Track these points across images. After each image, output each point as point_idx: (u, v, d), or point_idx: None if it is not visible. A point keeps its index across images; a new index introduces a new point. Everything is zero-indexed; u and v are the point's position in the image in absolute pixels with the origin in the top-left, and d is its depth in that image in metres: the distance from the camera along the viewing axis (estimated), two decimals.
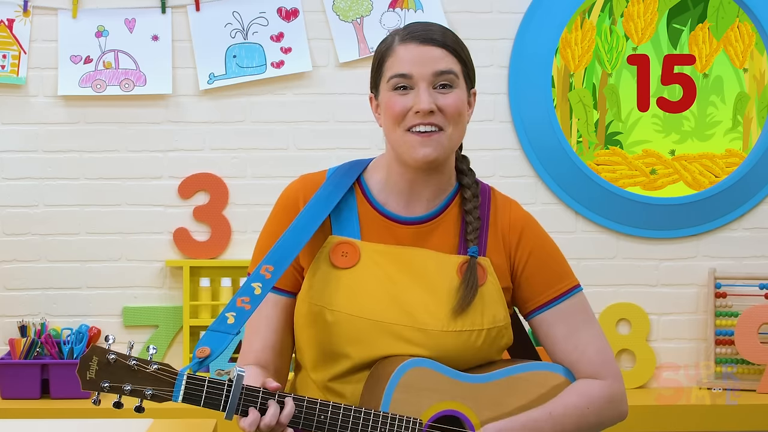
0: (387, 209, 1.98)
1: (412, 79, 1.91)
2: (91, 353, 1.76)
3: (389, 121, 1.94)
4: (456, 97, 1.93)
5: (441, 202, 2.00)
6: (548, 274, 2.01)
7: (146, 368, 1.77)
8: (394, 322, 1.90)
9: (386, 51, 1.96)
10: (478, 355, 1.94)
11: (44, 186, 3.64)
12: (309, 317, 1.93)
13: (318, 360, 1.93)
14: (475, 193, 2.01)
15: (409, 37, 1.94)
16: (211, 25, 3.64)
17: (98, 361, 1.76)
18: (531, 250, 2.01)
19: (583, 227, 3.74)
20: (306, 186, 2.01)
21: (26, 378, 3.45)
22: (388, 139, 1.96)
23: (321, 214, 1.95)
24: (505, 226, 2.01)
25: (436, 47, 1.93)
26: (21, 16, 3.60)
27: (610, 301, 3.73)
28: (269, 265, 1.91)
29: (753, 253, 3.77)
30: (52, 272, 3.64)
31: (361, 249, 1.95)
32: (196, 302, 3.61)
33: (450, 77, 1.93)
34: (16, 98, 3.62)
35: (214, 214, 3.66)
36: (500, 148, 3.71)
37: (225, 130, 3.67)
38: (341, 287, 1.92)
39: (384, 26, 3.66)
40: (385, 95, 1.95)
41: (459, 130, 1.95)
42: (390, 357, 1.89)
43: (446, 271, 1.95)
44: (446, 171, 1.99)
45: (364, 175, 2.02)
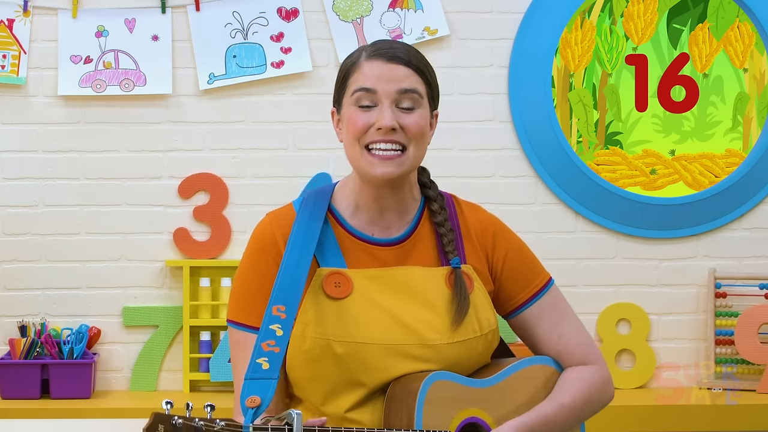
0: (364, 233, 1.98)
1: (376, 95, 1.91)
2: (156, 422, 1.67)
3: (350, 136, 1.94)
4: (419, 116, 1.93)
5: (412, 218, 2.01)
6: (525, 272, 2.05)
7: (213, 427, 1.70)
8: (402, 342, 1.91)
9: (352, 66, 1.97)
10: (478, 360, 1.98)
11: (44, 186, 3.64)
12: (314, 352, 1.90)
13: (330, 393, 1.92)
14: (441, 204, 2.02)
15: (376, 54, 1.95)
16: (211, 25, 3.64)
17: (165, 429, 1.67)
18: (506, 251, 2.04)
19: (583, 227, 3.74)
20: (278, 223, 1.99)
21: (26, 378, 3.45)
22: (348, 154, 1.96)
23: (308, 248, 1.93)
24: (478, 231, 2.04)
25: (402, 65, 1.93)
26: (21, 16, 3.60)
27: (610, 301, 3.73)
28: (279, 305, 1.88)
29: (753, 253, 3.77)
30: (52, 272, 3.64)
31: (351, 277, 1.94)
32: (196, 302, 3.61)
33: (414, 96, 1.93)
34: (16, 98, 3.62)
35: (214, 214, 3.66)
36: (500, 148, 3.71)
37: (225, 130, 3.67)
38: (343, 317, 1.91)
39: (384, 26, 3.66)
40: (348, 110, 1.95)
41: (420, 150, 1.95)
42: (403, 377, 1.90)
43: (436, 284, 1.96)
44: (409, 184, 2.00)
45: (333, 203, 2.02)
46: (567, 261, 3.72)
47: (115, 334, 3.65)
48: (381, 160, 1.91)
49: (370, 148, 1.92)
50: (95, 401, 3.47)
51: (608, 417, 3.44)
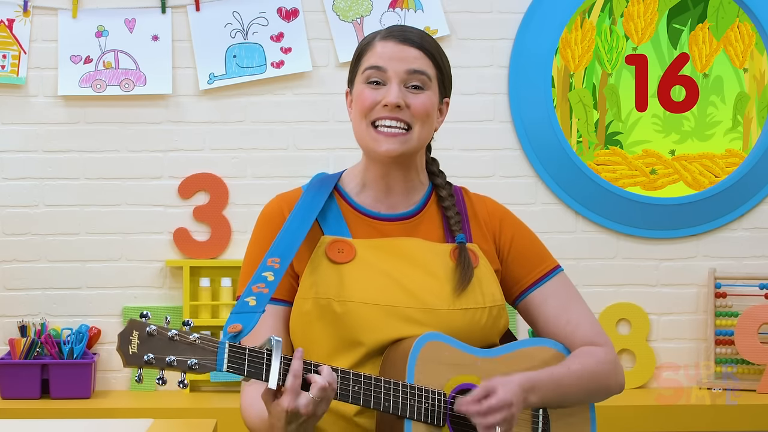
0: (369, 209, 2.02)
1: (385, 73, 1.96)
2: (131, 327, 1.69)
3: (357, 112, 2.00)
4: (426, 97, 1.97)
5: (418, 199, 2.04)
6: (532, 256, 2.08)
7: (187, 339, 1.71)
8: (403, 305, 1.93)
9: (366, 46, 2.01)
10: (483, 333, 1.98)
11: (44, 186, 3.64)
12: (315, 313, 1.93)
13: (330, 353, 1.93)
14: (449, 191, 2.07)
15: (389, 35, 2.00)
16: (211, 25, 3.64)
17: (139, 335, 1.69)
18: (513, 235, 2.08)
19: (583, 227, 3.74)
20: (285, 199, 2.04)
21: (26, 378, 3.45)
22: (355, 131, 2.01)
23: (310, 215, 1.97)
24: (485, 215, 2.08)
25: (414, 48, 1.98)
26: (21, 16, 3.60)
27: (610, 301, 3.73)
28: (274, 257, 1.92)
29: (753, 253, 3.77)
30: (52, 272, 3.64)
31: (354, 244, 1.97)
32: (196, 302, 3.61)
33: (422, 78, 1.97)
34: (16, 98, 3.62)
35: (214, 214, 3.66)
36: (500, 148, 3.71)
37: (225, 130, 3.67)
38: (345, 279, 1.93)
39: (384, 26, 3.65)
40: (357, 88, 2.00)
41: (426, 131, 1.99)
42: (401, 339, 1.91)
43: (440, 256, 1.99)
44: (416, 165, 2.03)
45: (340, 183, 2.06)
46: (567, 261, 3.71)
47: (115, 334, 3.61)
48: (386, 137, 1.96)
49: (376, 125, 1.97)
50: (95, 401, 3.47)
51: (608, 417, 3.44)
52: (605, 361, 2.02)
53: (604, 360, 2.02)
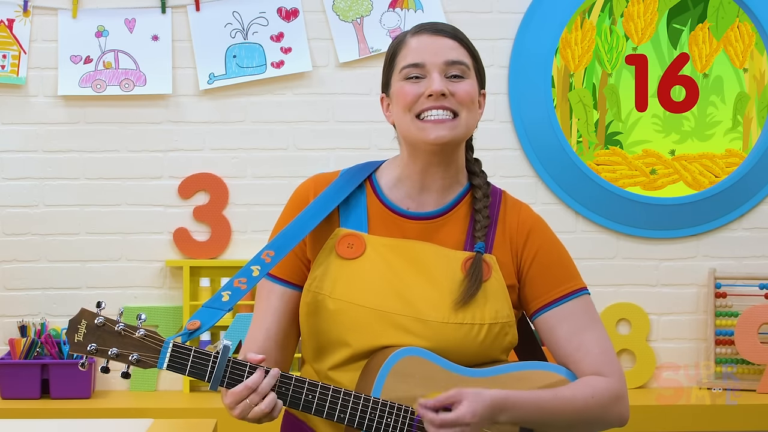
0: (397, 205, 1.99)
1: (424, 68, 1.93)
2: (80, 316, 1.80)
3: (401, 108, 1.94)
4: (468, 85, 1.94)
5: (452, 198, 2.00)
6: (554, 275, 1.99)
7: (133, 333, 1.80)
8: (395, 312, 1.91)
9: (398, 45, 1.98)
10: (481, 351, 1.93)
11: (44, 186, 3.64)
12: (311, 306, 1.94)
13: (318, 349, 1.94)
14: (485, 193, 2.01)
15: (421, 29, 1.97)
16: (211, 25, 3.64)
17: (87, 325, 1.80)
18: (537, 250, 2.00)
19: (583, 227, 3.74)
20: (318, 183, 2.02)
21: (26, 378, 3.45)
22: (400, 128, 1.97)
23: (328, 207, 1.97)
24: (513, 226, 2.01)
25: (448, 38, 1.95)
26: (21, 16, 3.60)
27: (610, 301, 3.73)
28: (270, 250, 1.93)
29: (753, 253, 3.77)
30: (52, 272, 3.64)
31: (366, 241, 1.96)
32: (196, 302, 3.61)
33: (461, 68, 1.94)
34: (16, 98, 3.62)
35: (214, 214, 3.66)
36: (500, 148, 3.71)
37: (225, 130, 3.67)
38: (344, 277, 1.93)
39: (384, 26, 3.66)
40: (396, 86, 1.96)
41: (473, 118, 1.96)
42: (388, 347, 1.89)
43: (450, 265, 1.95)
44: (457, 162, 1.99)
45: (376, 174, 2.03)
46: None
47: None
48: (434, 124, 1.91)
49: (422, 117, 1.93)
50: (95, 401, 3.47)
51: None
52: (604, 392, 1.92)
53: (602, 391, 1.92)
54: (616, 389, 1.94)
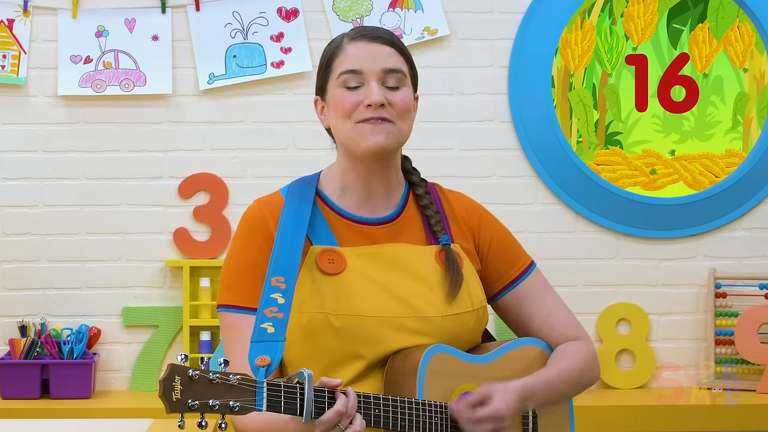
0: (352, 213, 2.00)
1: (362, 75, 1.94)
2: (173, 373, 1.66)
3: (339, 116, 1.96)
4: (405, 94, 1.97)
5: (398, 201, 2.04)
6: (509, 255, 2.10)
7: (228, 380, 1.69)
8: (399, 315, 1.93)
9: (335, 50, 1.99)
10: (471, 335, 2.00)
11: (44, 186, 3.64)
12: (310, 328, 1.91)
13: (329, 368, 1.92)
14: (426, 189, 2.06)
15: (358, 35, 1.98)
16: (211, 25, 3.64)
17: (181, 380, 1.67)
18: (491, 234, 2.09)
19: (583, 227, 3.74)
20: (268, 207, 2.00)
21: (26, 378, 3.45)
22: (338, 135, 1.98)
23: (301, 225, 1.95)
24: (463, 214, 2.08)
25: (385, 45, 1.97)
26: (21, 16, 3.60)
27: (610, 301, 3.73)
28: (278, 276, 1.89)
29: (753, 253, 3.77)
30: (52, 272, 3.64)
31: (344, 254, 1.95)
32: (196, 302, 3.61)
33: (399, 76, 1.96)
34: (16, 98, 3.62)
35: (214, 214, 3.66)
36: (500, 148, 3.71)
37: (225, 130, 3.67)
38: (339, 292, 1.92)
39: (384, 26, 3.65)
40: (334, 92, 1.96)
41: (407, 126, 1.99)
42: (402, 350, 1.92)
43: (427, 260, 1.99)
44: (395, 166, 2.03)
45: (320, 187, 2.04)
46: (567, 261, 3.72)
47: (115, 334, 3.65)
48: (372, 126, 1.93)
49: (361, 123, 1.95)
50: (95, 401, 3.47)
51: (608, 417, 3.44)
52: (586, 355, 2.06)
53: (584, 355, 2.06)
54: (592, 349, 2.10)
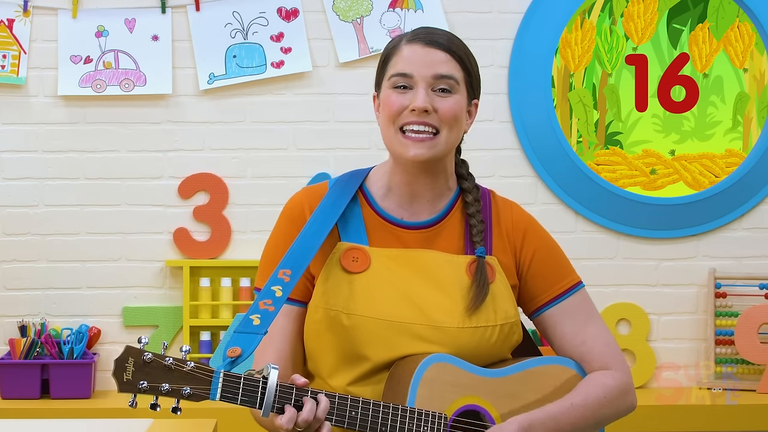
0: (391, 215, 2.00)
1: (412, 78, 1.93)
2: (127, 354, 1.72)
3: (385, 118, 1.96)
4: (454, 101, 1.94)
5: (444, 206, 2.01)
6: (552, 272, 2.04)
7: (183, 367, 1.73)
8: (411, 322, 1.92)
9: (392, 50, 1.99)
10: (492, 351, 1.96)
11: (44, 186, 3.64)
12: (324, 323, 1.92)
13: (336, 365, 1.93)
14: (476, 197, 2.03)
15: (415, 38, 1.97)
16: (211, 25, 3.64)
17: (134, 362, 1.72)
18: (535, 249, 2.03)
19: (583, 227, 3.74)
20: (309, 196, 2.02)
21: (26, 378, 3.45)
22: (383, 136, 1.99)
23: (329, 221, 1.96)
24: (509, 226, 2.04)
25: (440, 51, 1.95)
26: (21, 16, 3.60)
27: (610, 301, 3.73)
28: (286, 269, 1.91)
29: (753, 253, 3.77)
30: (52, 272, 3.64)
31: (370, 254, 1.96)
32: (196, 302, 3.61)
33: (450, 82, 1.94)
34: (16, 98, 3.62)
35: (214, 214, 3.66)
36: (500, 148, 3.71)
37: (225, 130, 3.67)
38: (356, 291, 1.92)
39: (384, 26, 3.66)
40: (384, 92, 1.97)
41: (454, 135, 1.96)
42: (409, 356, 1.91)
43: (456, 270, 1.96)
44: (444, 172, 2.01)
45: (366, 183, 2.04)
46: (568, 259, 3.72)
47: (115, 334, 3.65)
48: (414, 141, 1.93)
49: (404, 130, 1.94)
50: (95, 401, 3.47)
51: None
52: (614, 389, 1.98)
53: (612, 389, 1.98)
54: (624, 382, 2.00)
